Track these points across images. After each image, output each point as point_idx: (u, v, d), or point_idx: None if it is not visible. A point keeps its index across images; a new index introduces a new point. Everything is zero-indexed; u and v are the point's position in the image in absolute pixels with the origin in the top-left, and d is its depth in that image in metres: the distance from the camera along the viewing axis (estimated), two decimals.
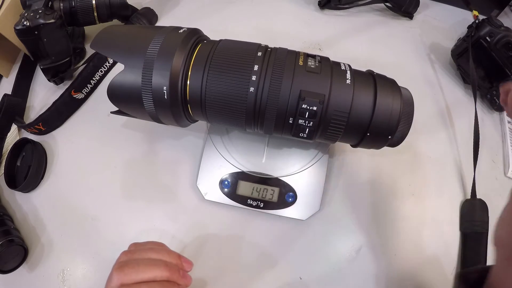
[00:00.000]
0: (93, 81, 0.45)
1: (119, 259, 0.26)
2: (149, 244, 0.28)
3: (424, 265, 0.36)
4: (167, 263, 0.26)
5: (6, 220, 0.37)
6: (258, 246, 0.37)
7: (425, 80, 0.47)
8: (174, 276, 0.26)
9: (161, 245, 0.29)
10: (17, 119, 0.43)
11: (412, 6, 0.50)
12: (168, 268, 0.25)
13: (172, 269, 0.26)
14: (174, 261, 0.27)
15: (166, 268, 0.25)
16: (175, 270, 0.26)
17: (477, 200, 0.39)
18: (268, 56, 0.28)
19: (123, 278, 0.24)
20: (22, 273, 0.37)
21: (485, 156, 0.42)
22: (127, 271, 0.24)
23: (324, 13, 0.52)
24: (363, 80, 0.28)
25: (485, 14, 0.50)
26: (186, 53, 0.28)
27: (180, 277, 0.26)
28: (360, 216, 0.38)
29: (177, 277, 0.26)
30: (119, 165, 0.40)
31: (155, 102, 0.28)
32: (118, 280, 0.24)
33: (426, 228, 0.38)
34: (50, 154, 0.42)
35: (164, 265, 0.26)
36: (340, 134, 0.28)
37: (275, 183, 0.36)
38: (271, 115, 0.27)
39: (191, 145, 0.41)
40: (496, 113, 0.46)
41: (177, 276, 0.26)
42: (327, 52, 0.48)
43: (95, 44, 0.30)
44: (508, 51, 0.41)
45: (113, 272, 0.25)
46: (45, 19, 0.38)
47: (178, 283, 0.26)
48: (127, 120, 0.42)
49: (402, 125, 0.28)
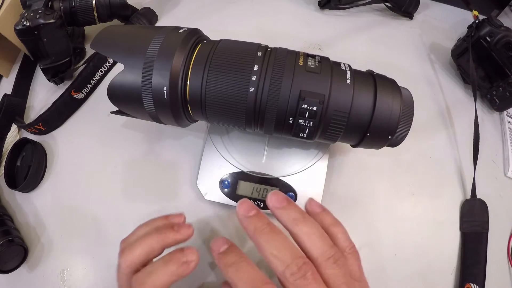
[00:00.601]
0: (93, 81, 0.45)
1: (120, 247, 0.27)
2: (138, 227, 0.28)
3: (424, 265, 0.36)
4: (157, 228, 0.26)
5: (6, 220, 0.37)
6: None
7: (425, 80, 0.47)
8: (169, 235, 0.25)
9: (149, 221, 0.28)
10: (17, 119, 0.43)
11: (412, 6, 0.50)
12: (159, 232, 0.25)
13: (163, 230, 0.25)
14: (162, 222, 0.27)
15: (157, 233, 0.25)
16: (167, 229, 0.26)
17: (477, 200, 0.39)
18: (268, 56, 0.28)
19: (126, 261, 0.24)
20: (22, 273, 0.37)
21: (485, 156, 0.42)
22: (126, 253, 0.25)
23: (324, 13, 0.52)
24: (363, 80, 0.28)
25: (485, 14, 0.50)
26: (186, 53, 0.28)
27: (175, 232, 0.26)
28: (360, 216, 0.38)
29: (172, 234, 0.25)
30: (119, 165, 0.40)
31: (155, 102, 0.28)
32: (124, 263, 0.24)
33: (426, 228, 0.38)
34: (50, 154, 0.42)
35: (154, 231, 0.25)
36: (340, 134, 0.28)
37: (275, 183, 0.36)
38: (271, 115, 0.27)
39: (191, 145, 0.41)
40: (496, 113, 0.46)
41: (172, 234, 0.25)
42: (327, 52, 0.48)
43: (95, 44, 0.30)
44: (508, 51, 0.41)
45: (119, 260, 0.25)
46: (45, 19, 0.38)
47: (177, 239, 0.26)
48: (127, 120, 0.42)
49: (402, 125, 0.28)
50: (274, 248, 0.22)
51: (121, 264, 0.24)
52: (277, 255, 0.22)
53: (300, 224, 0.23)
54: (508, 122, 0.45)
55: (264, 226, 0.23)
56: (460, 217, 0.38)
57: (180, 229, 0.26)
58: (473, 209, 0.38)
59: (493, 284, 0.36)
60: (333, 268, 0.22)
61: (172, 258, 0.24)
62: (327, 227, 0.25)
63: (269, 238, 0.23)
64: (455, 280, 0.36)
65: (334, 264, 0.22)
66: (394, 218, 0.38)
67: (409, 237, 0.38)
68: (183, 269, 0.23)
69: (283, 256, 0.22)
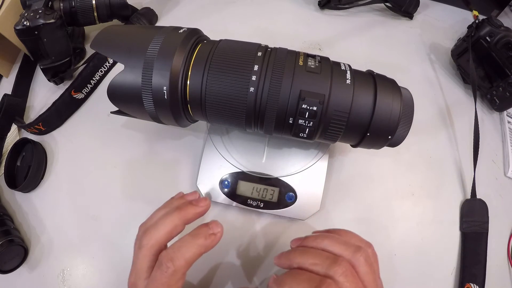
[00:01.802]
0: (93, 81, 0.45)
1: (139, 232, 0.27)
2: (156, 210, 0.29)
3: (424, 265, 0.37)
4: (176, 206, 0.27)
5: (6, 220, 0.37)
6: (258, 246, 0.37)
7: (425, 80, 0.47)
8: (189, 210, 0.27)
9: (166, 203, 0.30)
10: (17, 119, 0.43)
11: (412, 6, 0.50)
12: (179, 209, 0.26)
13: (182, 207, 0.27)
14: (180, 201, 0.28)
15: (177, 210, 0.26)
16: (186, 206, 0.27)
17: (477, 200, 0.39)
18: (268, 56, 0.28)
19: (152, 239, 0.25)
20: (22, 273, 0.37)
21: (485, 156, 0.42)
22: (150, 232, 0.25)
23: (324, 13, 0.52)
24: (363, 80, 0.28)
25: (485, 14, 0.50)
26: (186, 53, 0.28)
27: (194, 206, 0.27)
28: (360, 216, 0.38)
29: (192, 209, 0.27)
30: (119, 165, 0.40)
31: (155, 102, 0.28)
32: (148, 243, 0.25)
33: (426, 228, 0.38)
34: (50, 154, 0.42)
35: (174, 209, 0.26)
36: (340, 134, 0.28)
37: (275, 183, 0.36)
38: (271, 115, 0.27)
39: (191, 145, 0.41)
40: (496, 113, 0.46)
41: (192, 208, 0.27)
42: (327, 52, 0.48)
43: (95, 44, 0.30)
44: (508, 51, 0.41)
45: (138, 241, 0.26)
46: (45, 19, 0.38)
47: (197, 212, 0.27)
48: (127, 120, 0.42)
49: (402, 125, 0.28)
50: (310, 259, 0.24)
51: (144, 245, 0.25)
52: (315, 262, 0.23)
53: (321, 241, 0.25)
54: (508, 122, 0.45)
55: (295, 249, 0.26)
56: (460, 217, 0.38)
57: (199, 203, 0.27)
58: (473, 209, 0.38)
59: (493, 284, 0.36)
60: (365, 265, 0.23)
61: (199, 231, 0.25)
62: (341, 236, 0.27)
63: (302, 254, 0.25)
64: (455, 280, 0.36)
65: (365, 262, 0.23)
66: (394, 218, 0.38)
67: (409, 237, 0.38)
68: (211, 240, 0.25)
69: (321, 261, 0.23)
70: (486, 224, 0.38)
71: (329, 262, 0.23)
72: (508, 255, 0.38)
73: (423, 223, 0.38)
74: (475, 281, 0.35)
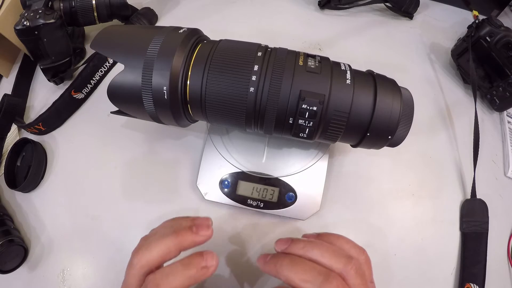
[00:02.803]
0: (93, 81, 0.45)
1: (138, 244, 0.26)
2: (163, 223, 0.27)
3: (424, 265, 0.37)
4: (175, 229, 0.25)
5: (6, 220, 0.37)
6: (258, 246, 0.37)
7: (425, 80, 0.47)
8: (187, 237, 0.24)
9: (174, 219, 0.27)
10: (17, 119, 0.43)
11: (412, 6, 0.50)
12: (177, 234, 0.24)
13: (181, 232, 0.24)
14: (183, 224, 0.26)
15: (174, 234, 0.24)
16: (185, 231, 0.25)
17: (477, 200, 0.39)
18: (268, 56, 0.28)
19: (141, 260, 0.23)
20: (22, 273, 0.37)
21: (485, 156, 0.42)
22: (142, 252, 0.24)
23: (324, 13, 0.52)
24: (363, 80, 0.28)
25: (485, 14, 0.50)
26: (186, 53, 0.28)
27: (193, 233, 0.25)
28: (360, 216, 0.38)
29: (190, 237, 0.24)
30: (119, 165, 0.40)
31: (155, 102, 0.28)
32: (138, 263, 0.23)
33: (426, 228, 0.38)
34: (50, 154, 0.42)
35: (172, 233, 0.24)
36: (340, 134, 0.28)
37: (275, 183, 0.36)
38: (271, 115, 0.27)
39: (191, 145, 0.41)
40: (496, 113, 0.46)
41: (190, 236, 0.24)
42: (327, 52, 0.48)
43: (95, 44, 0.30)
44: (508, 51, 0.41)
45: (131, 257, 0.24)
46: (45, 19, 0.38)
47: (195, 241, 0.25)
48: (127, 120, 0.42)
49: (402, 125, 0.28)
50: (300, 273, 0.23)
51: (134, 263, 0.24)
52: (306, 278, 0.22)
53: (311, 249, 0.24)
54: (508, 122, 0.45)
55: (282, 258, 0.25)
56: (460, 217, 0.38)
57: (199, 231, 0.25)
58: (473, 209, 0.38)
59: (493, 284, 0.36)
60: (356, 278, 0.23)
61: (191, 261, 0.24)
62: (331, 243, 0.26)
63: (291, 267, 0.24)
64: (455, 280, 0.36)
65: (356, 274, 0.23)
66: (394, 218, 0.38)
67: (409, 237, 0.38)
68: (202, 274, 0.23)
69: (312, 277, 0.22)
70: (486, 224, 0.38)
71: (321, 279, 0.22)
72: (508, 255, 0.38)
73: (423, 223, 0.38)
74: (475, 281, 0.35)
